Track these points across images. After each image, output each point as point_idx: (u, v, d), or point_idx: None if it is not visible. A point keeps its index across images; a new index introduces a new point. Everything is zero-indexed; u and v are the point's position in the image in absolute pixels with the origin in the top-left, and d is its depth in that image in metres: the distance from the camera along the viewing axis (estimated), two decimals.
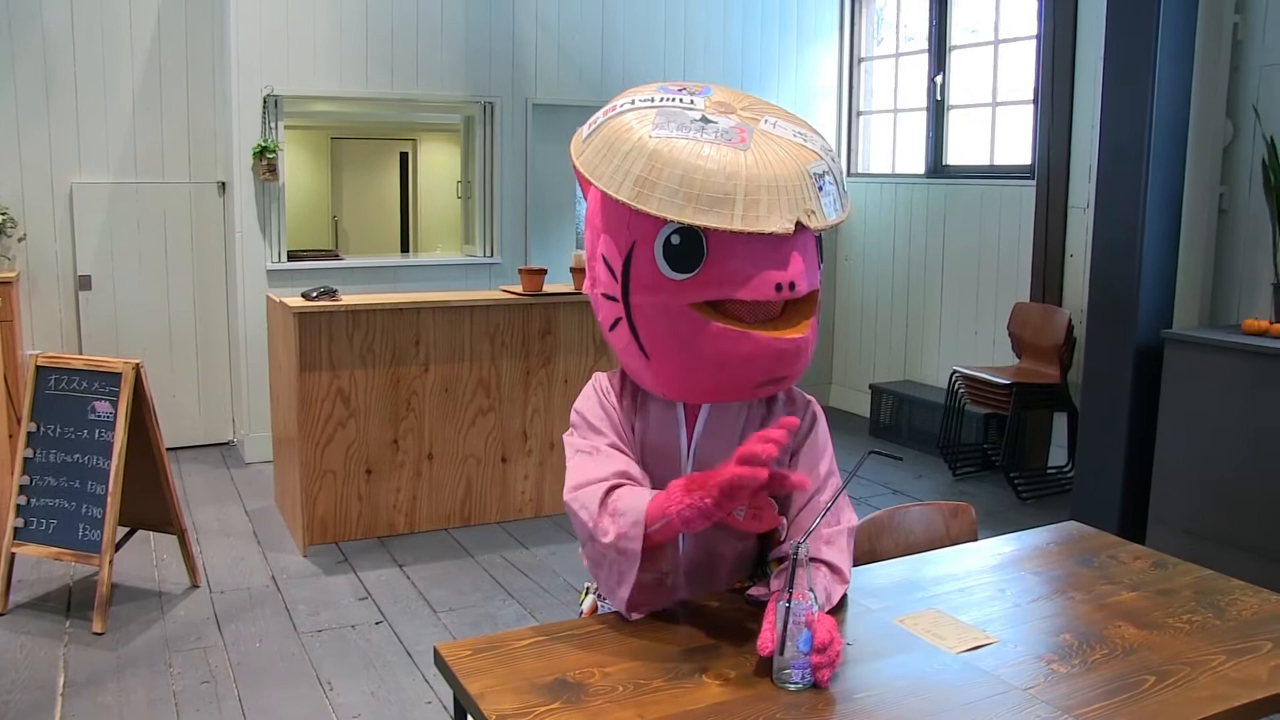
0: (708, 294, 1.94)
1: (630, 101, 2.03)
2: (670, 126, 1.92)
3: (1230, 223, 5.52)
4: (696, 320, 1.95)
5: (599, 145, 1.97)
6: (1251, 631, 2.16)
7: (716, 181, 1.84)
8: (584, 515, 2.03)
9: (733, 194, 1.84)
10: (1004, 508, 6.09)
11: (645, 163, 1.88)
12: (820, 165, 1.97)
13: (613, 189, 1.91)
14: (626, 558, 1.98)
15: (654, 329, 2.02)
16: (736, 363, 1.99)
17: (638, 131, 1.93)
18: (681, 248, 1.93)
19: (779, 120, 2.03)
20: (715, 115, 1.98)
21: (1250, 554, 4.65)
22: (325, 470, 5.28)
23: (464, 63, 7.10)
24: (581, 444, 2.14)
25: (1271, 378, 4.61)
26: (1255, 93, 5.37)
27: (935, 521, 2.86)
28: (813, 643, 1.84)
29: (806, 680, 1.85)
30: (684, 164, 1.86)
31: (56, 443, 4.53)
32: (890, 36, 8.22)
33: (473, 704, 1.82)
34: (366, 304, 5.30)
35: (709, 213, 1.84)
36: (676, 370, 2.05)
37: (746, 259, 1.91)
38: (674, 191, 1.85)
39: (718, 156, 1.87)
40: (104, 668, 4.03)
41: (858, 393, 8.25)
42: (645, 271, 1.98)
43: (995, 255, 7.10)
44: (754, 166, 1.88)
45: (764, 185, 1.87)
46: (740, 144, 1.91)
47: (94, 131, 6.62)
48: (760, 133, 1.96)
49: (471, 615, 4.58)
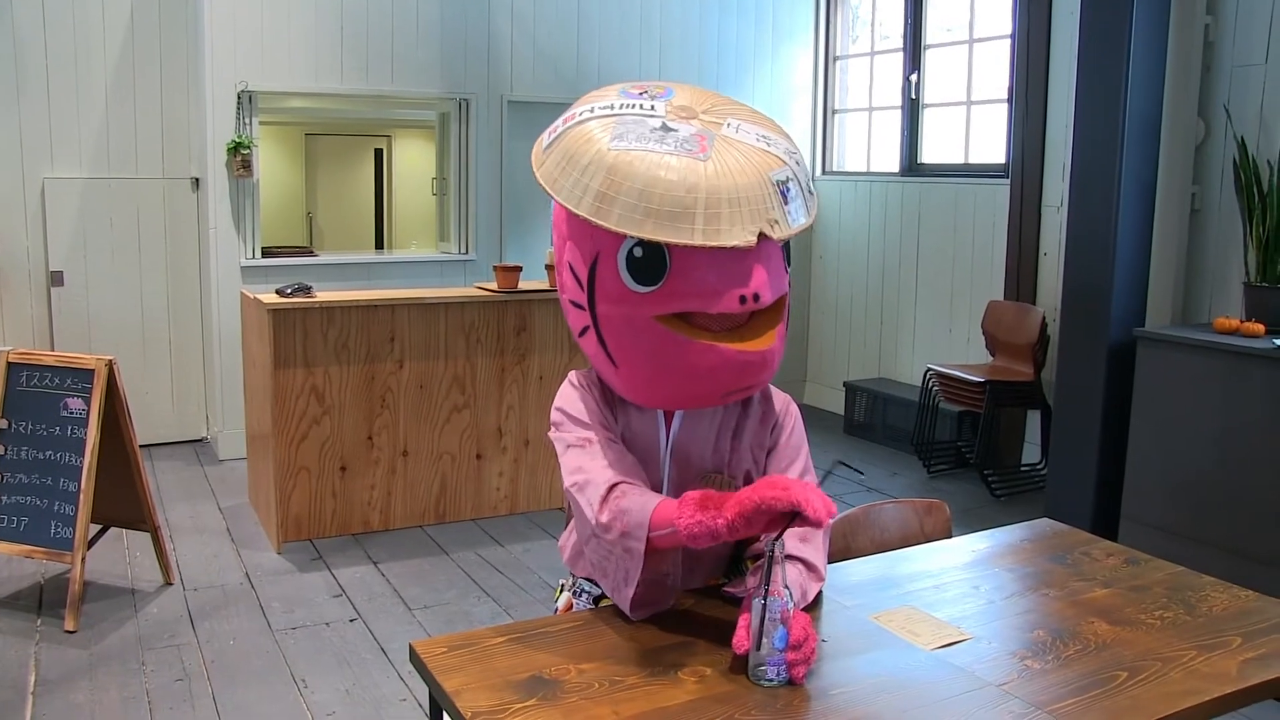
0: (671, 306, 1.93)
1: (590, 109, 1.99)
2: (629, 137, 1.89)
3: (1202, 222, 5.57)
4: (661, 332, 1.94)
5: (558, 157, 1.94)
6: (1222, 627, 2.18)
7: (676, 195, 1.81)
8: (587, 511, 2.02)
9: (692, 207, 1.81)
10: (978, 505, 6.12)
11: (604, 177, 1.85)
12: (783, 171, 1.94)
13: (572, 203, 1.88)
14: (632, 557, 1.97)
15: (621, 340, 2.00)
16: (702, 374, 1.98)
17: (597, 143, 1.89)
18: (644, 260, 1.91)
19: (742, 123, 2.01)
20: (676, 122, 1.94)
21: (1220, 551, 4.69)
22: (300, 467, 5.26)
23: (439, 60, 7.09)
24: (572, 438, 2.12)
25: (1242, 376, 4.65)
26: (1227, 93, 5.41)
27: (910, 519, 2.88)
28: (788, 640, 1.84)
29: (782, 677, 1.86)
30: (643, 177, 1.83)
31: (28, 440, 4.50)
32: (866, 35, 8.24)
33: (448, 701, 1.82)
34: (341, 301, 5.28)
35: (669, 227, 1.81)
36: (645, 379, 2.04)
37: (710, 271, 1.89)
38: (633, 206, 1.82)
39: (677, 167, 1.84)
40: (76, 666, 4.00)
41: (832, 390, 8.27)
42: (609, 283, 1.96)
43: (969, 253, 7.13)
44: (714, 177, 1.85)
45: (724, 197, 1.83)
46: (700, 153, 1.88)
47: (66, 126, 6.57)
48: (722, 139, 1.93)
49: (446, 613, 4.57)
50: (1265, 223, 4.99)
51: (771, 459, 2.19)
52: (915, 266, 7.57)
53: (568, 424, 2.15)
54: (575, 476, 2.07)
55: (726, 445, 2.16)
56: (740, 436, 2.17)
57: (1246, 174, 5.07)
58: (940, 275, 7.37)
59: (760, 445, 2.18)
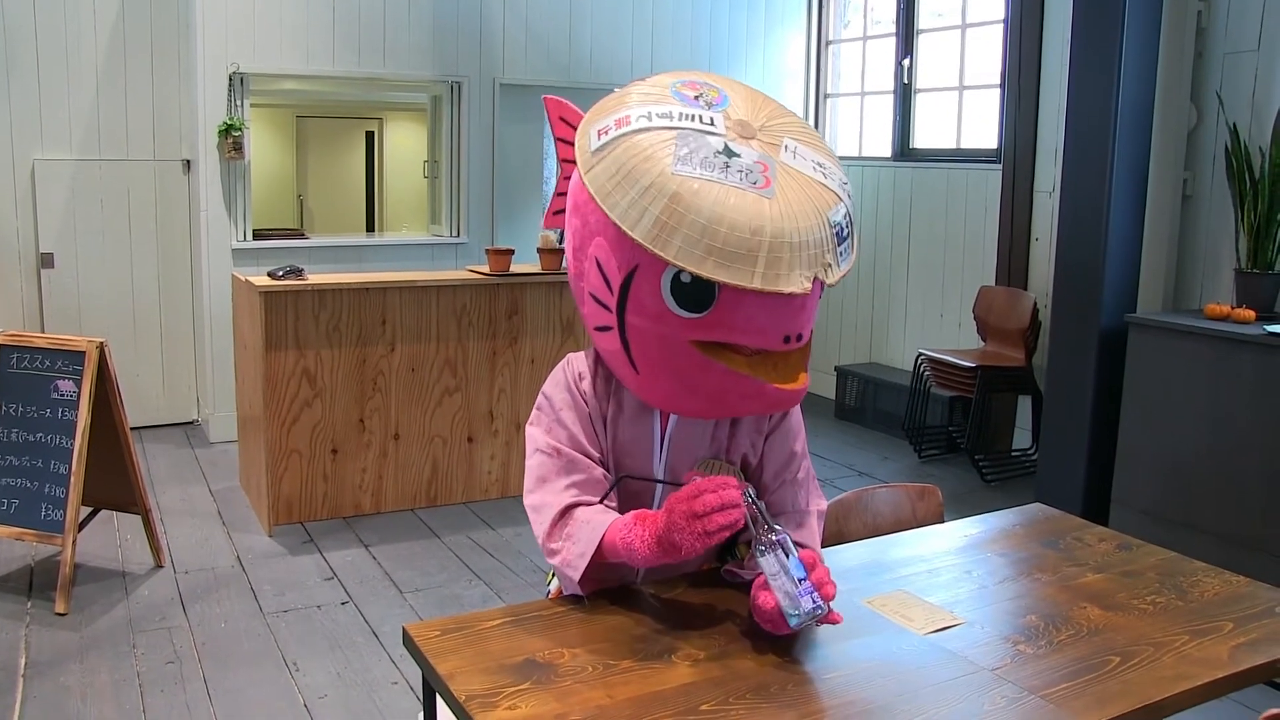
0: (714, 335, 1.89)
1: (647, 115, 1.89)
2: (693, 161, 1.81)
3: (1193, 208, 5.57)
4: (698, 358, 1.90)
5: (612, 168, 1.85)
6: (1213, 612, 2.19)
7: (741, 236, 1.76)
8: (537, 530, 2.07)
9: (756, 250, 1.76)
10: (969, 490, 6.14)
11: (666, 205, 1.77)
12: (839, 210, 1.89)
13: (629, 225, 1.81)
14: (569, 584, 2.07)
15: (649, 353, 1.96)
16: (732, 400, 1.98)
17: (658, 163, 1.81)
18: (691, 288, 1.85)
19: (799, 145, 1.94)
20: (737, 144, 1.87)
21: (1210, 536, 4.71)
22: (291, 450, 5.26)
23: (431, 42, 7.06)
24: (543, 441, 2.11)
25: (1232, 362, 4.66)
26: (1219, 79, 5.41)
27: (902, 503, 2.88)
28: (804, 566, 1.86)
29: (819, 605, 1.86)
30: (707, 213, 1.76)
31: (18, 422, 4.49)
32: (858, 20, 8.23)
33: (442, 684, 1.82)
34: (333, 283, 5.26)
35: (729, 268, 1.76)
36: (666, 392, 2.02)
37: (760, 311, 1.86)
38: (695, 241, 1.76)
39: (742, 206, 1.78)
40: (67, 649, 4.00)
41: (823, 375, 8.28)
42: (647, 299, 1.90)
43: (961, 239, 7.13)
44: (779, 220, 1.79)
45: (787, 241, 1.78)
46: (765, 189, 1.81)
47: (57, 107, 6.54)
48: (782, 168, 1.87)
49: (437, 596, 4.58)
50: (1256, 209, 5.00)
51: (769, 443, 2.18)
52: (907, 251, 7.57)
53: (548, 421, 2.13)
54: (533, 492, 2.10)
55: (725, 432, 2.16)
56: (739, 423, 2.16)
57: (1238, 160, 5.07)
58: (932, 260, 7.37)
59: (758, 430, 2.18)
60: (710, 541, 1.86)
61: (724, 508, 1.85)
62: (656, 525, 1.90)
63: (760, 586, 1.91)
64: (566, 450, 2.09)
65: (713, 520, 1.84)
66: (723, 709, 1.75)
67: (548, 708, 1.73)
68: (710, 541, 1.86)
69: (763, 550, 1.88)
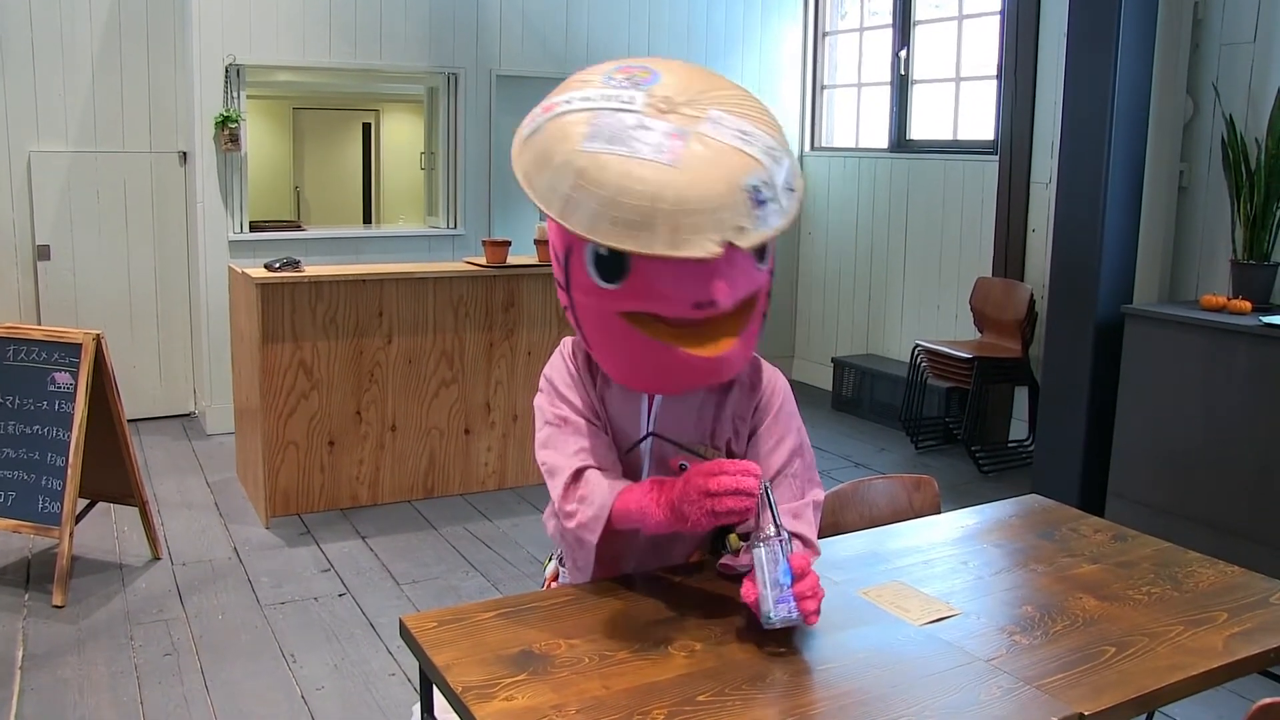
0: (632, 305, 1.93)
1: (568, 100, 1.94)
2: (601, 137, 1.85)
3: (1190, 199, 5.57)
4: (624, 328, 1.96)
5: (535, 152, 1.91)
6: (1208, 602, 2.19)
7: (642, 205, 1.78)
8: (552, 491, 2.09)
9: (655, 218, 1.78)
10: (965, 481, 6.14)
11: (573, 180, 1.82)
12: (758, 175, 1.87)
13: (544, 203, 1.87)
14: (584, 548, 2.06)
15: (591, 327, 2.05)
16: (658, 370, 2.01)
17: (569, 142, 1.86)
18: (609, 259, 1.91)
19: (725, 114, 1.93)
20: (652, 119, 1.88)
21: (1206, 526, 4.72)
22: (287, 442, 5.26)
23: (428, 33, 7.05)
24: (550, 412, 2.16)
25: (1228, 353, 4.67)
26: (1215, 71, 5.41)
27: (899, 494, 2.89)
28: (791, 573, 1.86)
29: (794, 614, 1.88)
30: (610, 185, 1.79)
31: (15, 414, 4.49)
32: (854, 11, 8.22)
33: (439, 676, 1.83)
34: (329, 275, 5.26)
35: (632, 236, 1.78)
36: (612, 366, 2.09)
37: (669, 277, 1.88)
38: (599, 214, 1.79)
39: (645, 176, 1.80)
40: (64, 641, 4.00)
41: (820, 366, 8.28)
42: (580, 274, 1.98)
43: (958, 230, 7.13)
44: (683, 187, 1.80)
45: (691, 208, 1.79)
46: (670, 157, 1.83)
47: (52, 99, 6.52)
48: (698, 138, 1.87)
49: (434, 587, 4.58)
50: (1253, 200, 5.00)
51: (759, 437, 2.18)
52: (904, 243, 7.57)
53: (551, 396, 2.18)
54: (545, 456, 2.13)
55: (710, 414, 2.17)
56: (724, 407, 2.18)
57: (1234, 152, 5.07)
58: (929, 252, 7.37)
59: (742, 417, 2.18)
60: (716, 522, 1.89)
61: (737, 493, 1.87)
62: (673, 492, 1.94)
63: (749, 577, 1.94)
64: (573, 418, 2.14)
65: (723, 502, 1.86)
66: (719, 699, 1.75)
67: (544, 698, 1.74)
68: (716, 522, 1.89)
69: (758, 544, 1.89)
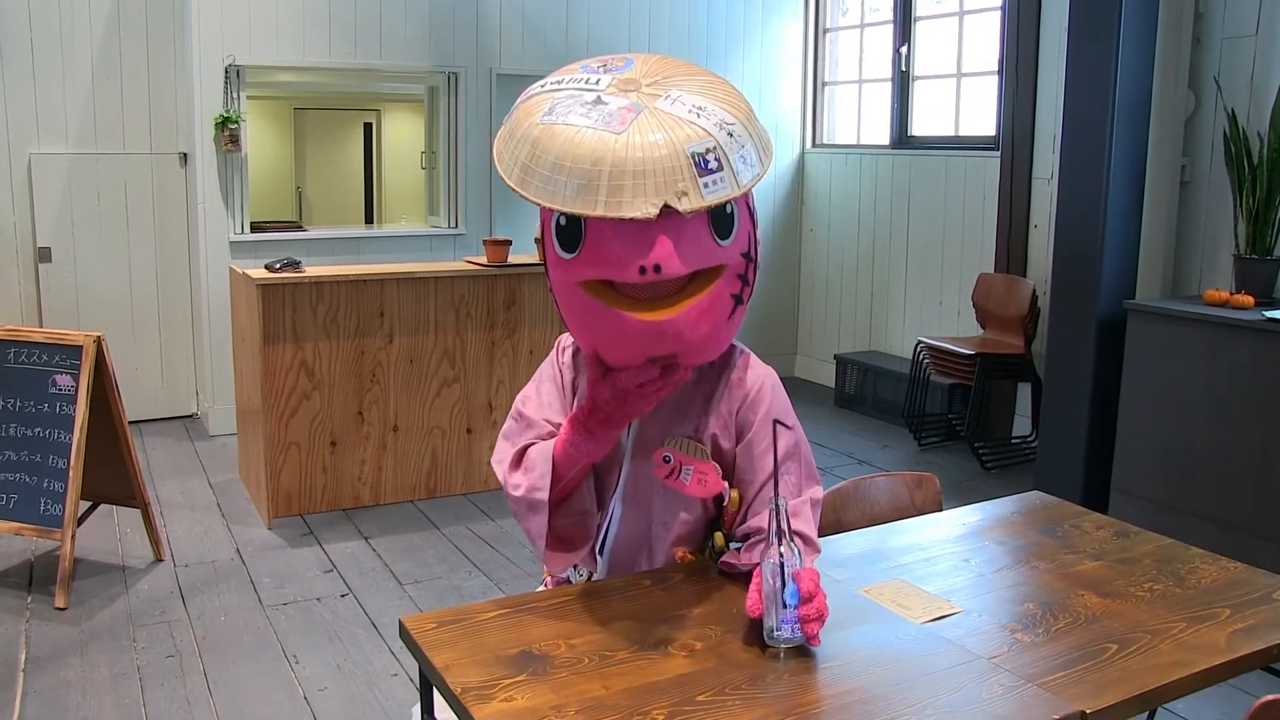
0: (588, 273, 1.97)
1: (541, 85, 2.05)
2: (557, 113, 1.94)
3: (1192, 194, 5.56)
4: (584, 299, 1.99)
5: (506, 130, 2.01)
6: (1210, 599, 2.19)
7: (583, 168, 1.85)
8: (499, 475, 2.14)
9: (597, 180, 1.85)
10: (968, 477, 6.14)
11: (529, 150, 1.91)
12: (704, 143, 1.91)
13: (506, 174, 1.95)
14: (536, 510, 2.06)
15: (563, 303, 2.09)
16: (615, 339, 2.01)
17: (530, 117, 1.96)
18: (566, 229, 1.98)
19: (683, 94, 1.98)
20: (611, 96, 1.96)
21: (1209, 522, 4.71)
22: (290, 443, 5.26)
23: (428, 33, 7.05)
24: (514, 409, 2.25)
25: (1231, 348, 4.66)
26: (1217, 65, 5.40)
27: (900, 492, 2.88)
28: (799, 596, 1.85)
29: (796, 636, 1.87)
30: (557, 151, 1.88)
31: (16, 416, 4.49)
32: (855, 7, 8.20)
33: (438, 677, 1.82)
34: (330, 275, 5.26)
35: (576, 200, 1.85)
36: (583, 340, 2.12)
37: (616, 242, 1.92)
38: (548, 179, 1.87)
39: (589, 142, 1.88)
40: (67, 643, 4.00)
41: (822, 363, 8.28)
42: (551, 249, 2.05)
43: (960, 226, 7.12)
44: (622, 149, 1.87)
45: (630, 170, 1.85)
46: (618, 126, 1.90)
47: (52, 101, 6.52)
48: (651, 111, 1.93)
49: (437, 588, 4.58)
50: (1255, 195, 4.98)
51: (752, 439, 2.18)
52: (905, 239, 7.56)
53: (527, 393, 2.27)
54: (498, 447, 2.21)
55: (696, 409, 2.17)
56: (710, 401, 2.19)
57: (1237, 146, 5.06)
58: (930, 248, 7.36)
59: (729, 412, 2.18)
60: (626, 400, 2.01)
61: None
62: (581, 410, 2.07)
63: (755, 589, 1.93)
64: (529, 414, 2.21)
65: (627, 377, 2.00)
66: (719, 699, 1.74)
67: (544, 699, 1.73)
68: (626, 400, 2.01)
69: (770, 562, 1.88)
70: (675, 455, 2.11)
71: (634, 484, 2.18)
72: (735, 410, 2.18)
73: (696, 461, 2.12)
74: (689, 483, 2.10)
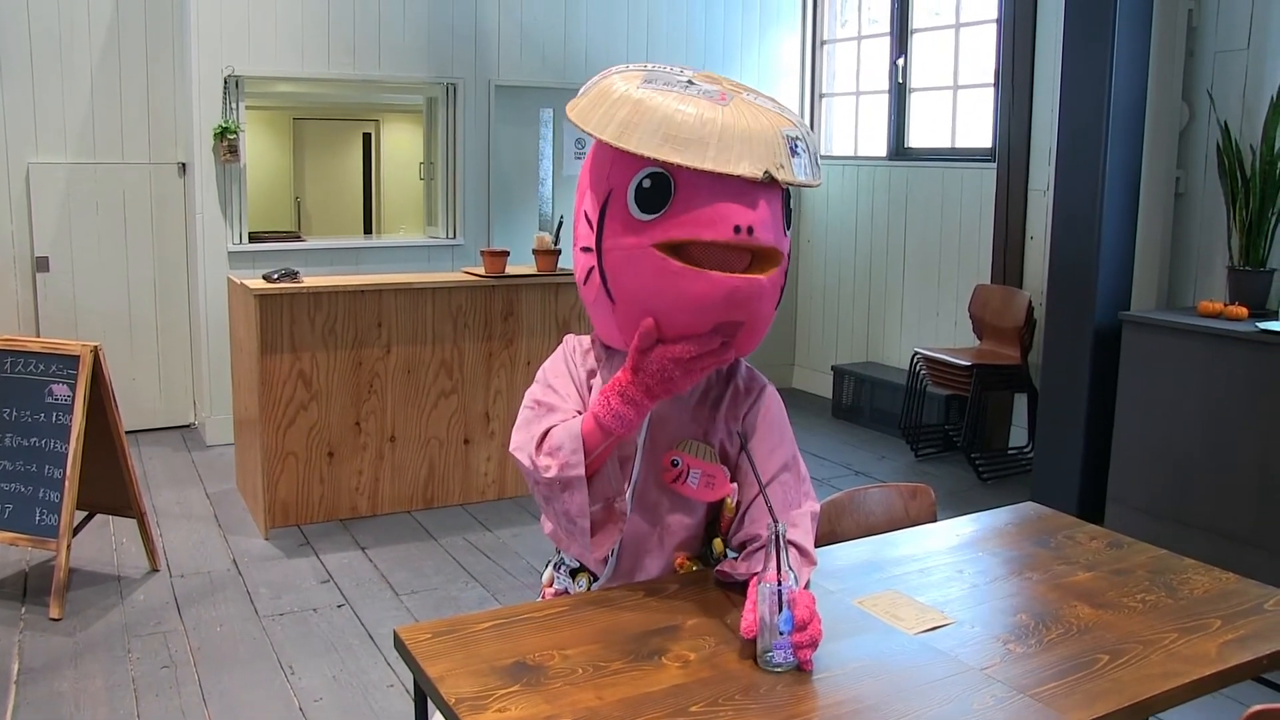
0: (671, 233, 1.98)
1: (625, 66, 2.14)
2: (657, 83, 2.02)
3: (1186, 206, 5.58)
4: (659, 260, 1.99)
5: (591, 98, 2.06)
6: (1202, 609, 2.19)
7: (693, 125, 1.93)
8: (524, 461, 2.11)
9: (707, 138, 1.92)
10: (965, 488, 6.14)
11: (630, 109, 1.96)
12: (795, 130, 2.04)
13: (599, 130, 1.98)
14: (573, 487, 2.04)
15: (620, 271, 2.06)
16: (692, 301, 2.00)
17: (629, 84, 2.03)
18: (651, 190, 1.99)
19: (759, 96, 2.12)
20: (701, 81, 2.07)
21: (1205, 532, 4.72)
22: (287, 453, 5.26)
23: (426, 44, 7.06)
24: (529, 400, 2.21)
25: (1226, 359, 4.67)
26: (1210, 78, 5.42)
27: (895, 503, 2.89)
28: (793, 622, 1.85)
29: (789, 661, 1.87)
30: (664, 111, 1.94)
31: (13, 426, 4.49)
32: (853, 19, 8.23)
33: (432, 687, 1.83)
34: (328, 286, 5.27)
35: (684, 152, 1.91)
36: (638, 313, 2.07)
37: (711, 198, 1.97)
38: (653, 132, 1.92)
39: (696, 108, 1.95)
40: (61, 654, 4.00)
41: (819, 374, 8.29)
42: (618, 217, 2.04)
43: (956, 237, 7.13)
44: (730, 118, 1.96)
45: (738, 135, 1.94)
46: (720, 101, 1.99)
47: (51, 111, 6.53)
48: (741, 99, 2.05)
49: (434, 598, 4.58)
50: (1248, 206, 5.00)
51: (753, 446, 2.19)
52: (902, 250, 7.58)
53: (540, 385, 2.23)
54: (517, 438, 2.17)
55: (705, 414, 2.19)
56: (719, 406, 2.21)
57: (1230, 158, 5.08)
58: (927, 259, 7.38)
59: (735, 417, 2.20)
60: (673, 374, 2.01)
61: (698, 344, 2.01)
62: (617, 381, 2.04)
63: (751, 608, 1.93)
64: (549, 401, 2.19)
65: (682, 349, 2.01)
66: (712, 710, 1.75)
67: (537, 710, 1.73)
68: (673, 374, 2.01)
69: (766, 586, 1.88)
70: (684, 459, 2.12)
71: (644, 488, 2.19)
72: (741, 415, 2.22)
73: (705, 464, 2.13)
74: (696, 486, 2.11)
